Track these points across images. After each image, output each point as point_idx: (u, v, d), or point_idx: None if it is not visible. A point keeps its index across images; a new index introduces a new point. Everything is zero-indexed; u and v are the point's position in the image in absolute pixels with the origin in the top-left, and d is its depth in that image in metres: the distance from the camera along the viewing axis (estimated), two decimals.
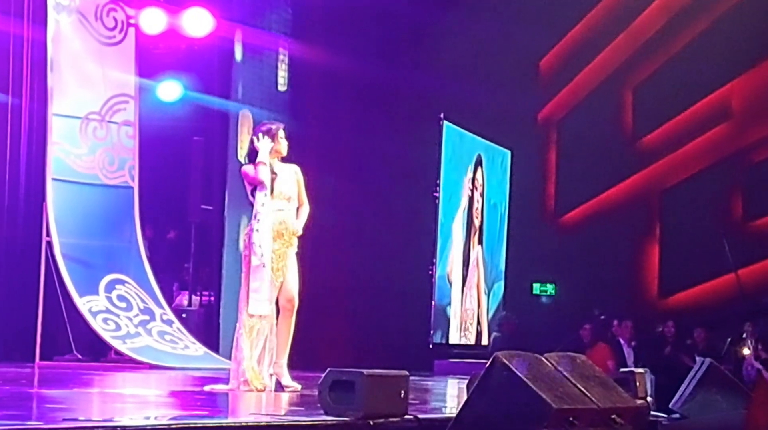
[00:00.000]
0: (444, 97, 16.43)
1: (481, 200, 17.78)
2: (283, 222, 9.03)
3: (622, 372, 7.92)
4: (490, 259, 18.14)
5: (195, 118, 15.00)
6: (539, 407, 5.59)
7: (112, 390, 9.90)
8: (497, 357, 5.81)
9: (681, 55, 17.87)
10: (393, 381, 6.44)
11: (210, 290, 14.78)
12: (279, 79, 15.39)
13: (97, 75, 13.61)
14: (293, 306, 9.08)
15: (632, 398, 6.65)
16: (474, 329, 17.67)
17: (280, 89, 15.33)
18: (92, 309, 12.89)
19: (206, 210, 14.53)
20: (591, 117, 18.18)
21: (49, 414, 6.66)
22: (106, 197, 13.60)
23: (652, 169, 18.08)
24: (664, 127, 17.98)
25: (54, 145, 13.15)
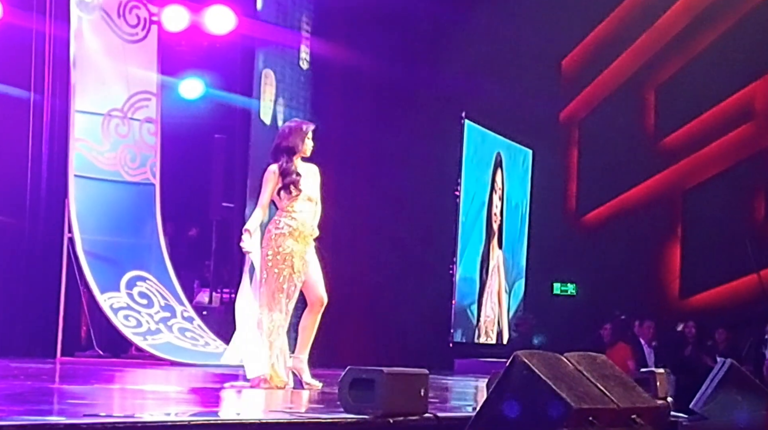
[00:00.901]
0: (466, 97, 16.43)
1: (500, 203, 17.77)
2: (303, 223, 9.04)
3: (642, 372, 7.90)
4: (512, 257, 18.13)
5: (217, 116, 15.02)
6: (559, 407, 5.58)
7: (132, 386, 9.92)
8: (517, 356, 5.80)
9: (704, 55, 17.83)
10: (413, 380, 6.44)
11: (231, 288, 14.79)
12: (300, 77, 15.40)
13: (119, 72, 13.65)
14: (322, 304, 9.10)
15: (652, 399, 6.63)
16: (495, 332, 17.67)
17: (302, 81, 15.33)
18: (113, 306, 12.93)
19: (227, 208, 14.55)
20: (613, 117, 18.14)
21: (70, 409, 6.68)
22: (128, 194, 13.63)
23: (674, 169, 18.04)
24: (687, 127, 17.94)
25: (76, 141, 13.19)
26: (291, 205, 9.02)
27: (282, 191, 9.02)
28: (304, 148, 9.10)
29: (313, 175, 9.17)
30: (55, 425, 5.10)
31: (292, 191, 9.00)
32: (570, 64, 18.62)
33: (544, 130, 18.14)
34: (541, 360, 5.82)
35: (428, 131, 16.18)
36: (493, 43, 16.99)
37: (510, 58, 17.23)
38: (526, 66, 17.36)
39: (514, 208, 18.27)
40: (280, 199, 9.05)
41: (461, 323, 16.48)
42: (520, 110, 17.11)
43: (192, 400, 8.68)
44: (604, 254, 17.85)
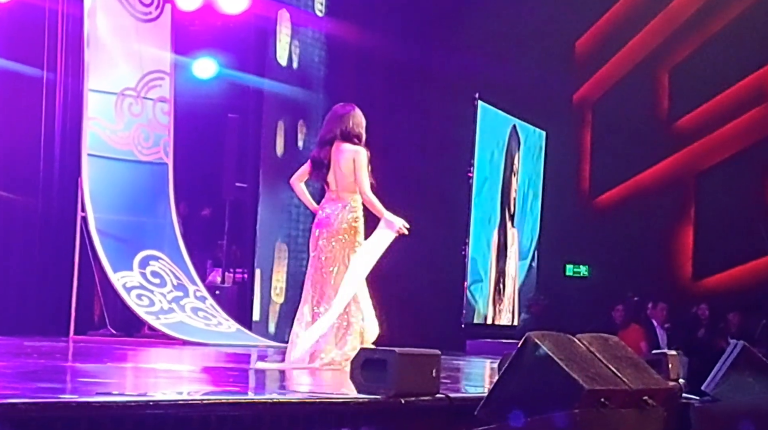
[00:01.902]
0: (479, 77, 16.40)
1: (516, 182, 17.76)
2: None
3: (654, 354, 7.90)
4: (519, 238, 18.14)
5: (230, 96, 15.02)
6: (571, 388, 5.58)
7: (145, 365, 9.96)
8: (529, 337, 5.80)
9: (717, 37, 17.76)
10: (425, 360, 6.45)
11: (243, 268, 14.82)
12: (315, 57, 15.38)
13: (132, 51, 13.65)
14: None
15: (664, 380, 6.63)
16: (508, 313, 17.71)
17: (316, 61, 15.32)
18: (126, 285, 12.95)
19: (240, 188, 14.56)
20: (626, 98, 18.10)
21: (83, 388, 6.70)
22: (141, 173, 13.65)
23: (688, 151, 18.00)
24: (700, 109, 17.90)
25: (90, 120, 13.21)
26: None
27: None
28: None
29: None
30: (68, 403, 5.12)
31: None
32: (584, 46, 18.57)
33: (557, 111, 18.10)
34: (554, 341, 5.82)
35: (441, 112, 16.16)
36: (507, 24, 16.95)
37: (524, 39, 17.18)
38: (540, 47, 17.31)
39: (526, 190, 18.26)
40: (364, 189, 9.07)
41: (473, 305, 16.49)
42: (533, 92, 17.07)
43: (204, 379, 8.71)
44: (616, 236, 17.83)
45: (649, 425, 5.92)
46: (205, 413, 5.35)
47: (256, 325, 13.89)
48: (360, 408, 6.04)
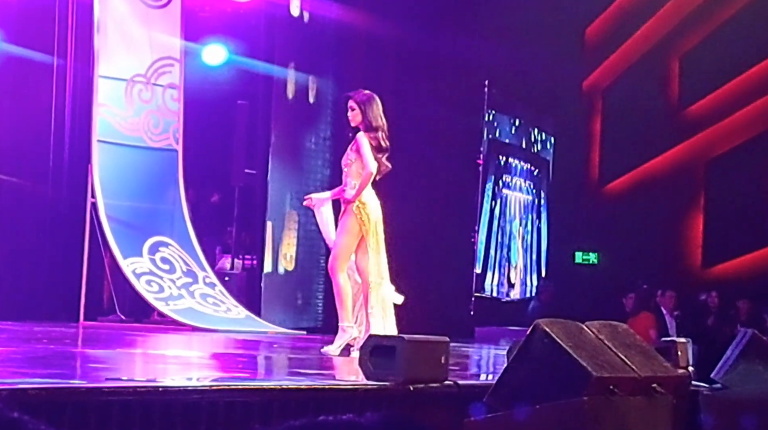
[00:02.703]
0: (489, 65, 16.37)
1: None
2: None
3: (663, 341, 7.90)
4: None
5: (239, 82, 15.01)
6: (579, 375, 5.58)
7: (154, 351, 9.97)
8: (538, 324, 5.80)
9: (728, 24, 17.72)
10: (433, 347, 6.45)
11: (252, 254, 14.83)
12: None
13: (142, 37, 13.64)
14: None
15: (673, 368, 6.63)
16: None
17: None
18: (136, 271, 12.97)
19: (250, 174, 14.55)
20: (636, 86, 18.07)
21: (92, 373, 6.72)
22: (151, 160, 13.65)
23: (698, 138, 17.98)
24: (710, 96, 17.87)
25: (99, 107, 13.21)
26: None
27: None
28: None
29: (352, 143, 9.29)
30: (77, 388, 5.13)
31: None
32: (594, 33, 18.53)
33: (567, 98, 18.08)
34: (562, 329, 5.82)
35: (451, 99, 16.13)
36: (518, 12, 16.92)
37: (534, 26, 17.15)
38: (550, 34, 17.28)
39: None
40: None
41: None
42: (543, 79, 17.06)
43: (213, 365, 8.73)
44: (626, 224, 17.82)
45: (657, 412, 5.92)
46: (214, 400, 5.36)
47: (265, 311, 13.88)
48: (369, 395, 6.05)
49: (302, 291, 14.58)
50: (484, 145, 16.20)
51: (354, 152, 9.26)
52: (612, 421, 5.65)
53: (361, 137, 9.24)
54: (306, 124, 14.97)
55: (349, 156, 9.28)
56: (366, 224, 9.18)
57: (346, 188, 9.26)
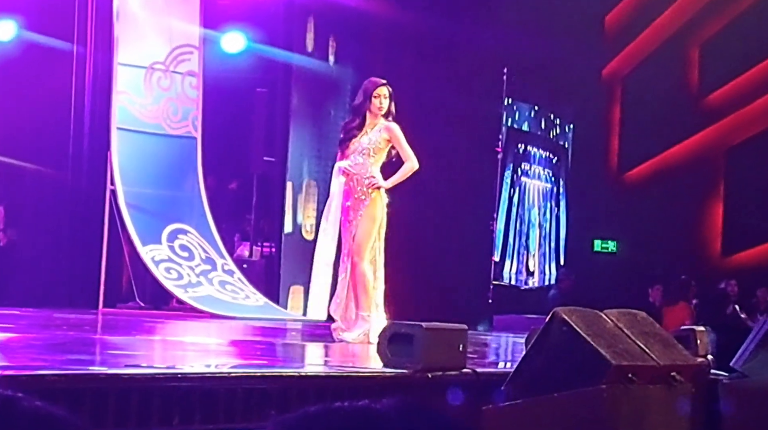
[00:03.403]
0: (508, 52, 16.34)
1: None
2: (355, 177, 9.15)
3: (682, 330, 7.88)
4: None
5: (258, 70, 15.01)
6: (598, 363, 5.57)
7: (173, 338, 10.00)
8: (556, 313, 5.79)
9: (748, 12, 17.64)
10: (451, 335, 6.45)
11: (271, 242, 14.85)
12: None
13: (162, 25, 13.66)
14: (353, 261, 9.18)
15: (692, 356, 6.61)
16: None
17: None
18: (155, 258, 13.00)
19: (268, 162, 14.57)
20: (656, 74, 18.01)
21: (111, 360, 6.74)
22: (170, 147, 13.67)
23: (718, 126, 17.92)
24: (730, 84, 17.80)
25: (119, 94, 13.23)
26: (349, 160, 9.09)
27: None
28: (370, 106, 9.13)
29: (378, 132, 9.16)
30: (97, 374, 5.15)
31: (344, 147, 9.17)
32: (613, 20, 18.47)
33: (586, 86, 18.03)
34: (581, 317, 5.81)
35: (470, 86, 16.11)
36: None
37: (553, 14, 17.10)
38: (569, 22, 17.23)
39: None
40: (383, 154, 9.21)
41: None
42: (562, 66, 17.01)
43: (232, 352, 8.74)
44: (645, 212, 17.77)
45: (676, 401, 5.90)
46: (233, 386, 5.37)
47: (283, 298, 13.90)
48: (387, 382, 6.05)
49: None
50: (502, 133, 16.18)
51: (384, 141, 9.15)
52: (630, 409, 5.64)
53: (397, 129, 9.18)
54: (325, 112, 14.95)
55: (376, 142, 9.15)
56: (384, 214, 9.15)
57: (372, 175, 9.11)
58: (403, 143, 9.19)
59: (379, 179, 9.12)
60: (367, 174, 9.11)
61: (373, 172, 9.13)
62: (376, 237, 9.12)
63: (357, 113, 9.24)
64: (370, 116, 9.16)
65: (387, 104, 9.17)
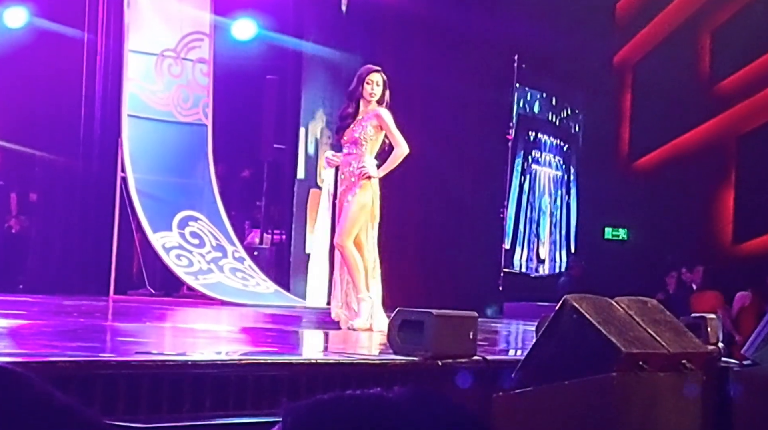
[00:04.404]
0: (519, 39, 16.30)
1: None
2: (345, 166, 9.13)
3: (693, 317, 7.87)
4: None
5: (269, 57, 15.01)
6: (608, 351, 5.56)
7: (184, 325, 10.02)
8: (567, 300, 5.78)
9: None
10: (462, 322, 6.45)
11: (281, 229, 14.86)
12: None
13: (172, 12, 13.66)
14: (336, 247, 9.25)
15: (703, 344, 6.61)
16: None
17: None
18: (165, 245, 13.02)
19: (279, 149, 14.57)
20: (667, 61, 17.97)
21: (122, 347, 6.75)
22: (181, 134, 13.68)
23: (729, 114, 17.87)
24: (742, 71, 17.74)
25: (129, 81, 13.25)
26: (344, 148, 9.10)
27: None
28: (362, 92, 9.09)
29: (368, 119, 9.14)
30: (107, 361, 5.16)
31: (340, 135, 9.18)
32: (624, 7, 18.42)
33: (597, 74, 17.99)
34: (591, 304, 5.80)
35: (480, 74, 16.07)
36: None
37: (564, 1, 17.06)
38: (580, 9, 17.19)
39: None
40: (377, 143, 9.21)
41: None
42: (573, 54, 16.97)
43: (242, 339, 8.75)
44: (656, 199, 17.75)
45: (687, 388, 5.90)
46: (243, 374, 5.38)
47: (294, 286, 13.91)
48: (397, 369, 6.06)
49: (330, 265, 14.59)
50: (513, 120, 16.14)
51: (373, 128, 9.12)
52: (641, 397, 5.64)
53: (387, 114, 9.12)
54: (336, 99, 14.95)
55: (366, 131, 9.12)
56: (376, 202, 9.11)
57: (363, 164, 9.10)
58: (393, 129, 9.12)
59: (370, 169, 9.07)
60: (360, 164, 9.08)
61: (365, 161, 9.09)
62: (365, 227, 9.06)
63: (351, 99, 9.20)
64: (363, 103, 9.13)
65: (379, 91, 9.10)
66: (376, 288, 9.05)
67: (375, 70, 9.25)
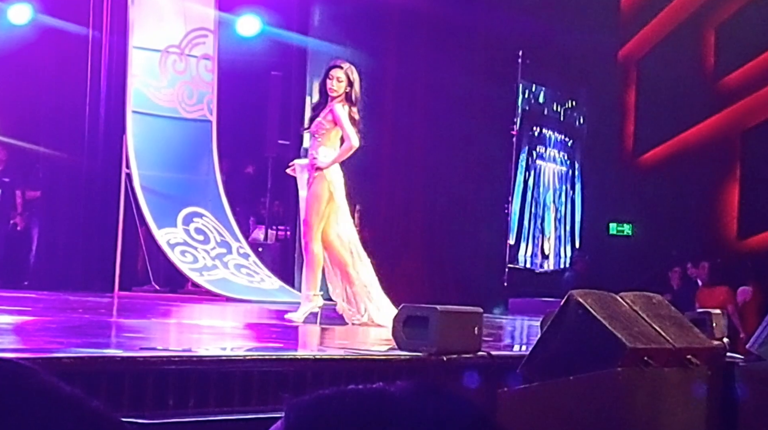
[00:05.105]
0: (523, 35, 16.28)
1: None
2: (310, 157, 9.19)
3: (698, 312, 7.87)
4: None
5: (273, 53, 15.01)
6: (613, 346, 5.56)
7: (188, 321, 10.02)
8: (572, 295, 5.78)
9: None
10: (466, 317, 6.45)
11: (286, 225, 14.87)
12: None
13: (177, 8, 13.66)
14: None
15: (708, 339, 6.60)
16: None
17: None
18: (170, 241, 13.02)
19: (283, 145, 14.57)
20: (672, 56, 17.95)
21: (127, 343, 6.75)
22: (185, 131, 13.69)
23: (733, 109, 17.84)
24: (746, 66, 17.72)
25: (134, 77, 13.25)
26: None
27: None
28: (327, 88, 9.12)
29: (327, 113, 9.13)
30: (112, 357, 5.16)
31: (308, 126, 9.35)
32: (629, 3, 18.40)
33: (602, 69, 17.98)
34: (596, 300, 5.80)
35: (484, 70, 16.06)
36: None
37: None
38: (585, 4, 17.17)
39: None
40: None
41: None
42: (578, 49, 16.95)
43: (247, 335, 8.76)
44: (661, 194, 17.74)
45: (692, 384, 5.90)
46: (248, 369, 5.38)
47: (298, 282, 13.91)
48: (402, 365, 6.06)
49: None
50: (517, 116, 16.14)
51: (329, 122, 9.12)
52: (646, 392, 5.63)
53: (339, 109, 9.06)
54: None
55: (324, 125, 9.11)
56: (336, 191, 9.09)
57: (315, 155, 9.14)
58: (344, 123, 9.08)
59: (319, 160, 9.06)
60: (315, 155, 9.12)
61: (319, 152, 9.11)
62: (331, 221, 9.05)
63: (320, 93, 9.26)
64: (330, 97, 9.15)
65: (341, 87, 9.05)
66: (367, 279, 9.05)
67: (336, 65, 9.24)
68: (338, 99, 9.08)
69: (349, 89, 9.10)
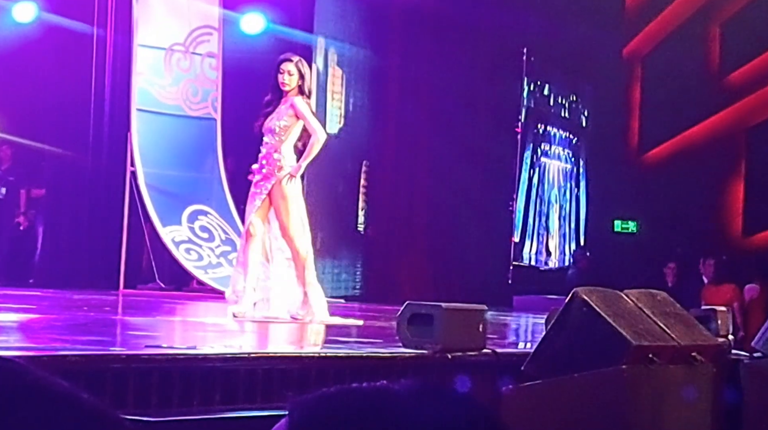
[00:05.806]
0: (528, 31, 16.29)
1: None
2: (264, 159, 9.08)
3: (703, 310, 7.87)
4: None
5: (278, 51, 14.95)
6: (618, 344, 5.56)
7: (193, 319, 10.02)
8: (576, 293, 5.78)
9: None
10: (471, 315, 6.45)
11: None
12: None
13: (181, 6, 13.66)
14: None
15: (713, 336, 6.60)
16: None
17: None
18: (175, 239, 13.03)
19: None
20: (677, 53, 17.93)
21: (132, 340, 6.76)
22: (190, 128, 13.69)
23: (738, 106, 17.83)
24: (751, 63, 17.71)
25: (138, 75, 13.25)
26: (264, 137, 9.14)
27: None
28: (279, 82, 9.04)
29: (284, 108, 9.03)
30: (117, 355, 5.16)
31: (260, 124, 9.18)
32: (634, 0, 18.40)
33: (606, 66, 17.97)
34: (601, 297, 5.80)
35: (489, 66, 16.07)
36: None
37: None
38: (589, 1, 17.17)
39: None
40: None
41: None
42: (582, 46, 16.95)
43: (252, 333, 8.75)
44: (666, 192, 17.72)
45: (697, 381, 5.89)
46: (253, 367, 5.38)
47: None
48: (406, 363, 6.06)
49: (339, 259, 14.61)
50: (522, 113, 16.13)
51: (291, 117, 9.03)
52: (651, 389, 5.63)
53: (300, 102, 8.93)
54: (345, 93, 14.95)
55: (281, 120, 8.99)
56: (298, 191, 9.07)
57: (275, 154, 9.05)
58: (308, 116, 9.00)
59: (287, 166, 8.94)
60: (275, 155, 9.03)
61: (282, 152, 9.03)
62: (294, 220, 9.01)
63: (271, 88, 9.11)
64: (283, 93, 9.07)
65: (292, 80, 8.92)
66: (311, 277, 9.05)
67: (286, 58, 9.14)
68: (292, 92, 8.99)
69: (302, 82, 8.98)
